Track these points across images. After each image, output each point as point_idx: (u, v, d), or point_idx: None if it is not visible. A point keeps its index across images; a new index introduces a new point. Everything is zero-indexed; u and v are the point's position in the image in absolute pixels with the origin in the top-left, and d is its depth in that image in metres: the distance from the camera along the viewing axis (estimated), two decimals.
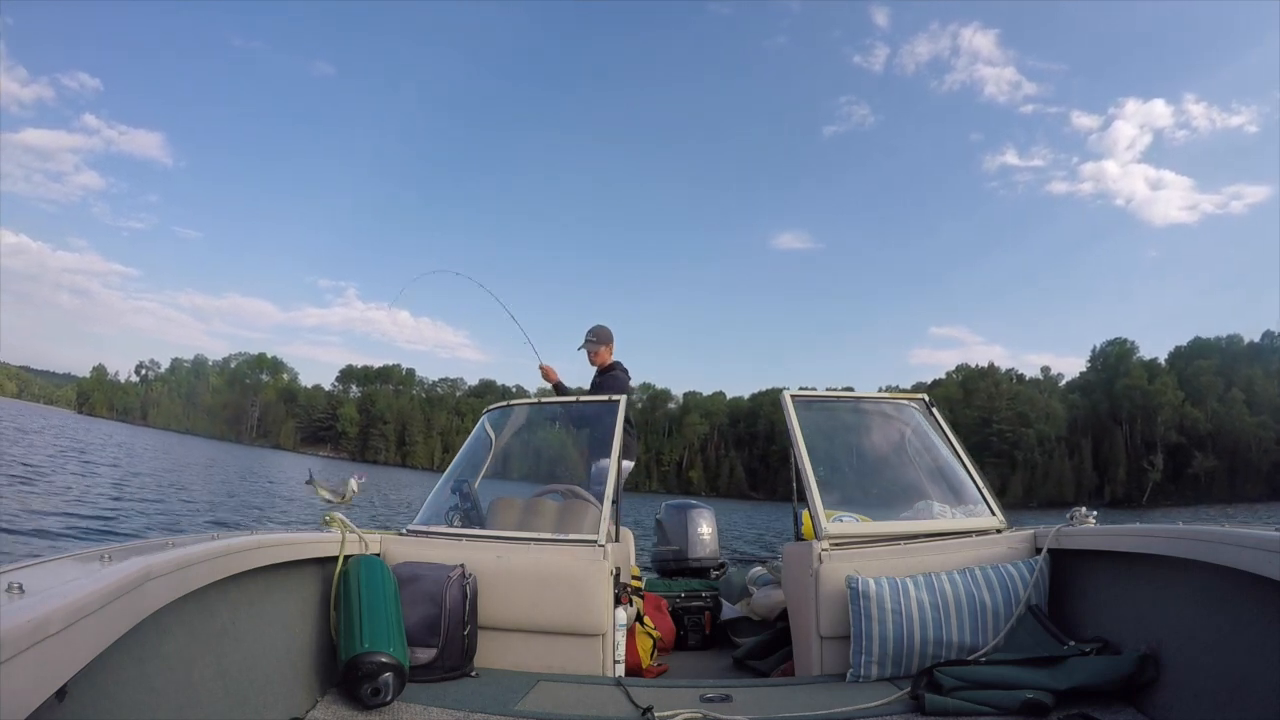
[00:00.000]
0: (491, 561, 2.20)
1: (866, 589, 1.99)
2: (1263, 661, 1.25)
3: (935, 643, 1.93)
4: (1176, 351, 73.23)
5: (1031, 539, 2.18)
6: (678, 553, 3.78)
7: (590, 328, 3.80)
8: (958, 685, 1.66)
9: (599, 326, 3.80)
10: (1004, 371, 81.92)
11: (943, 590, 1.98)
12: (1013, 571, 2.02)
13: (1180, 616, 1.53)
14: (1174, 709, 1.45)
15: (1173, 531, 1.55)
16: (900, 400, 2.79)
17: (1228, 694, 1.32)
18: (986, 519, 2.33)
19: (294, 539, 1.70)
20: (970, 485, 2.47)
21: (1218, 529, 1.41)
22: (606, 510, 2.36)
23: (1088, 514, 2.08)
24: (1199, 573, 1.43)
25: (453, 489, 2.76)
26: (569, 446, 3.27)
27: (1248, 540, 1.27)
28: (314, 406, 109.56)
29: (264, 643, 1.50)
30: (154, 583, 1.00)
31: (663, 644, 2.91)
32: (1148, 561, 1.64)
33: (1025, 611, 1.93)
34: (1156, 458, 64.87)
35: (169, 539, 1.32)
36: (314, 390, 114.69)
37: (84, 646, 0.79)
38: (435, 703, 1.73)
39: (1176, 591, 1.56)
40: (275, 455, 70.61)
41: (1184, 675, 1.46)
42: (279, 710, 1.48)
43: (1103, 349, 76.91)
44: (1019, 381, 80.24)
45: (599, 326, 3.80)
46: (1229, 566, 1.31)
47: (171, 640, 1.14)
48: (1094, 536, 1.92)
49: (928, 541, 2.22)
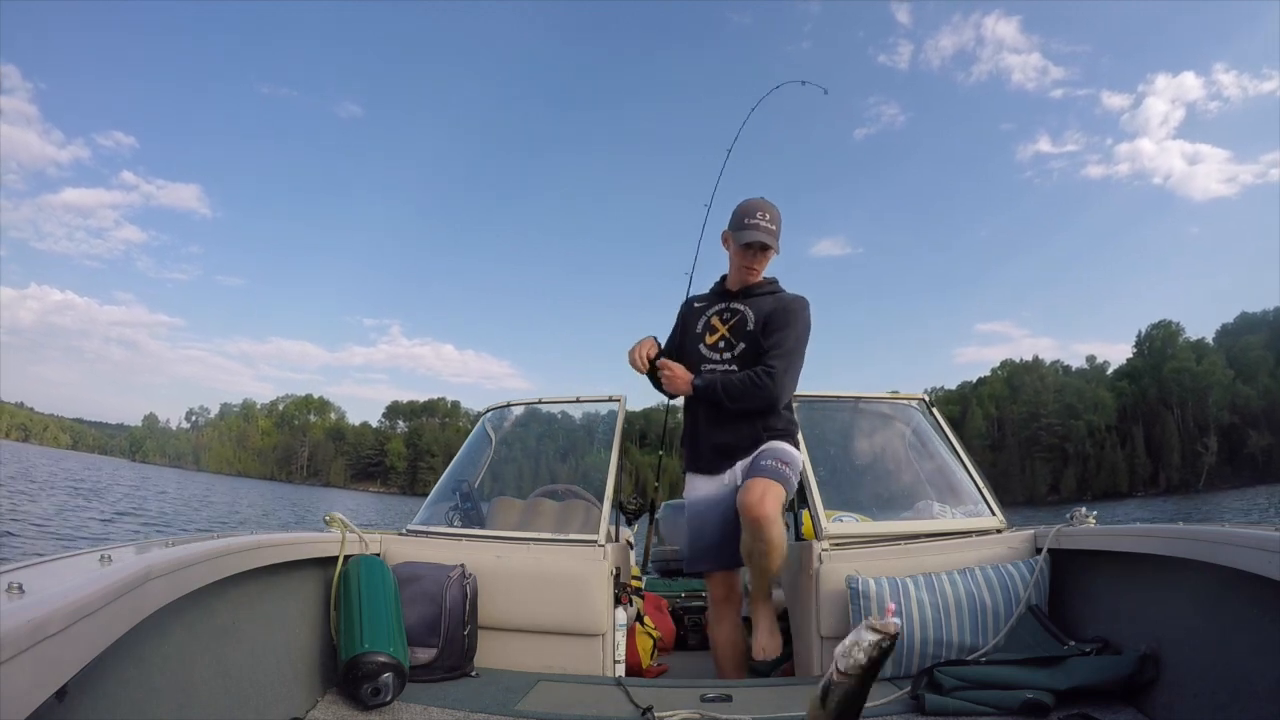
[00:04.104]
0: (491, 561, 2.20)
1: (866, 589, 1.99)
2: (1263, 661, 1.26)
3: (935, 643, 1.93)
4: (1223, 329, 71.49)
5: (1031, 539, 2.18)
6: (677, 553, 3.78)
7: (753, 202, 2.20)
8: (958, 685, 1.66)
9: (771, 204, 2.21)
10: (1049, 364, 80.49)
11: (943, 590, 1.99)
12: (1013, 571, 2.02)
13: (1180, 616, 1.53)
14: (1174, 709, 1.45)
15: (1173, 532, 1.55)
16: (900, 400, 2.80)
17: (1228, 694, 1.32)
18: (986, 519, 2.34)
19: (294, 539, 1.70)
20: (970, 485, 2.47)
21: (1218, 529, 1.41)
22: (606, 510, 2.35)
23: (1088, 514, 2.08)
24: (1199, 573, 1.43)
25: (453, 489, 2.76)
26: (573, 445, 3.26)
27: (1248, 540, 1.28)
28: (362, 443, 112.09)
29: (264, 643, 1.50)
30: (154, 583, 1.00)
31: (663, 644, 2.91)
32: (1148, 561, 1.64)
33: (1025, 611, 1.93)
34: (1210, 440, 62.94)
35: (169, 539, 1.31)
36: (361, 427, 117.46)
37: (84, 647, 0.79)
38: (435, 703, 1.72)
39: (1176, 591, 1.56)
40: (326, 493, 71.38)
41: (1184, 675, 1.46)
42: (279, 710, 1.48)
43: (1148, 333, 75.09)
44: (1065, 373, 78.84)
45: (771, 204, 2.21)
46: (1229, 566, 1.31)
47: (171, 640, 1.13)
48: (1094, 537, 1.92)
49: (928, 541, 2.22)
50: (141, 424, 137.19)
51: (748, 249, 2.18)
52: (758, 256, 2.20)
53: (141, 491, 24.67)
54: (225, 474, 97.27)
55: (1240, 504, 32.25)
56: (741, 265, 2.22)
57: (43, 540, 8.91)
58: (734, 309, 2.23)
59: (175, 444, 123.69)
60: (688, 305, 2.38)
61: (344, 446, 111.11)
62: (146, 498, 21.48)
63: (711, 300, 2.31)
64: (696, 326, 2.27)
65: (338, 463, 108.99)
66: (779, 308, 2.17)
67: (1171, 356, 69.33)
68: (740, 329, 2.19)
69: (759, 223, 2.16)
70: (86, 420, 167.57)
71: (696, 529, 2.21)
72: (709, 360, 2.21)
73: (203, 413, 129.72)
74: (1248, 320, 70.06)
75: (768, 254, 2.21)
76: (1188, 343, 71.32)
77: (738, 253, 2.22)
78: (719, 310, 2.26)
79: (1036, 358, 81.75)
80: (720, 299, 2.29)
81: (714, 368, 2.19)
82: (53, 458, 60.65)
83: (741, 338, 2.18)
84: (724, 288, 2.31)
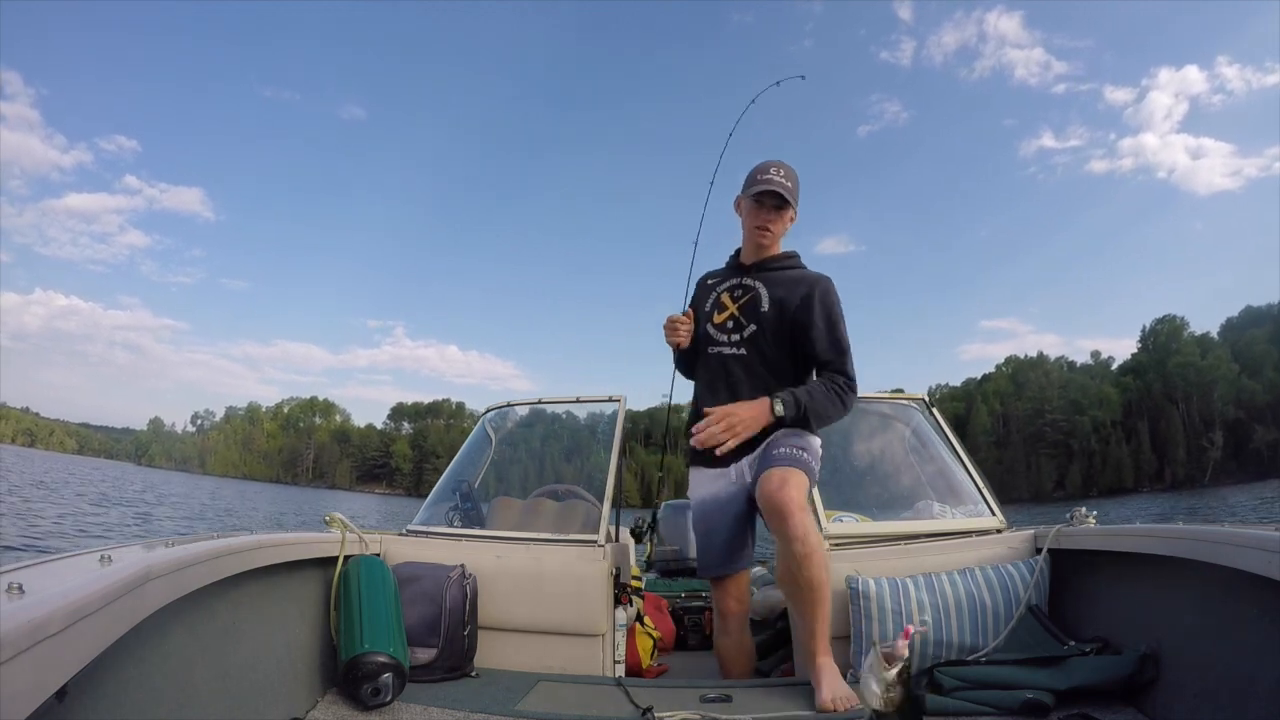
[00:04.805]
0: (491, 562, 2.20)
1: (866, 589, 1.99)
2: (1263, 661, 1.25)
3: (935, 643, 1.93)
4: (1228, 323, 71.24)
5: (1031, 539, 2.18)
6: (678, 553, 3.78)
7: (766, 161, 2.00)
8: (958, 685, 1.66)
9: (787, 165, 2.01)
10: (1054, 360, 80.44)
11: (943, 590, 1.99)
12: (1013, 572, 2.02)
13: (1180, 616, 1.53)
14: (1174, 709, 1.45)
15: (1173, 532, 1.55)
16: (900, 400, 2.79)
17: (1228, 694, 1.32)
18: (987, 519, 2.33)
19: (294, 539, 1.70)
20: (970, 485, 2.47)
21: (1218, 529, 1.41)
22: (606, 510, 2.36)
23: (1087, 514, 2.08)
24: (1199, 573, 1.42)
25: (453, 489, 2.76)
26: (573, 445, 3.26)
27: (1248, 540, 1.27)
28: (367, 445, 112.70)
29: (264, 643, 1.50)
30: (154, 583, 1.00)
31: (663, 644, 2.91)
32: (1148, 561, 1.64)
33: (1025, 612, 1.93)
34: (1215, 435, 62.83)
35: (169, 539, 1.32)
36: (367, 429, 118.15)
37: (84, 647, 0.79)
38: (435, 703, 1.73)
39: (1176, 591, 1.56)
40: (332, 495, 71.59)
41: (1184, 675, 1.46)
42: (279, 710, 1.48)
43: (1152, 328, 74.97)
44: (1070, 369, 78.62)
45: (787, 165, 2.01)
46: (1229, 566, 1.31)
47: (171, 640, 1.13)
48: (1094, 536, 1.92)
49: (928, 542, 2.22)
50: (147, 428, 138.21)
51: (760, 203, 1.97)
52: (771, 215, 1.98)
53: (148, 496, 24.64)
54: (231, 477, 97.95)
55: (1247, 499, 32.01)
56: (754, 226, 2.00)
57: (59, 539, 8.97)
58: (746, 285, 2.04)
59: (181, 448, 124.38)
60: (701, 282, 2.20)
61: (349, 448, 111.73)
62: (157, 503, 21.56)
63: (725, 275, 2.13)
64: (706, 303, 2.11)
65: (343, 465, 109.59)
66: (809, 294, 1.94)
67: (1176, 351, 69.05)
68: (752, 309, 2.01)
69: (773, 177, 1.95)
70: (92, 425, 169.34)
71: (704, 533, 2.07)
72: (716, 342, 2.04)
73: (208, 416, 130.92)
74: (1252, 314, 69.63)
75: (784, 214, 1.99)
76: (1192, 337, 71.02)
77: (750, 212, 2.01)
78: (730, 286, 2.08)
79: (1041, 354, 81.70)
80: (734, 274, 2.11)
81: (720, 350, 2.03)
82: (59, 463, 60.97)
83: (752, 318, 2.00)
84: (738, 261, 2.12)
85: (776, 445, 1.92)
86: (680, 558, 3.74)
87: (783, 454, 1.87)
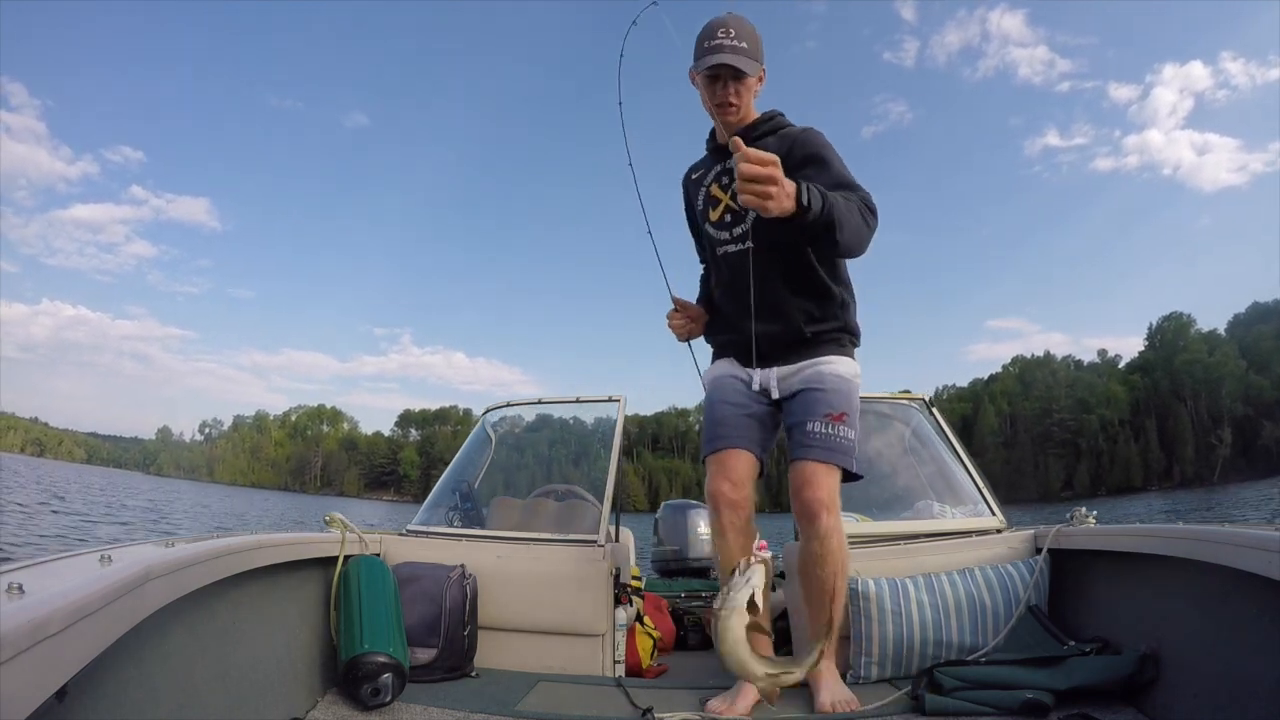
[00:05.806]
0: (491, 561, 2.21)
1: (866, 589, 1.99)
2: (1263, 661, 1.25)
3: (935, 643, 1.93)
4: (1235, 320, 70.91)
5: (1031, 539, 2.17)
6: (677, 552, 3.78)
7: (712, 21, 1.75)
8: (958, 685, 1.66)
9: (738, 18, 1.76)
10: (1061, 359, 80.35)
11: (943, 591, 1.98)
12: (1013, 572, 2.01)
13: (1180, 616, 1.53)
14: (1174, 709, 1.44)
15: (1172, 531, 1.55)
16: (900, 400, 2.79)
17: (1228, 694, 1.32)
18: (987, 519, 2.33)
19: (294, 539, 1.70)
20: (970, 485, 2.46)
21: (1218, 529, 1.41)
22: (606, 510, 2.36)
23: (1087, 514, 2.08)
24: (1199, 573, 1.42)
25: (453, 489, 2.77)
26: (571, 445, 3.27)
27: (1248, 540, 1.27)
28: (375, 452, 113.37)
29: (264, 643, 1.50)
30: (154, 583, 1.00)
31: (663, 644, 2.91)
32: (1148, 561, 1.63)
33: (1025, 612, 1.93)
34: (1224, 432, 62.58)
35: (169, 539, 1.32)
36: (374, 437, 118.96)
37: (84, 647, 0.79)
38: (435, 703, 1.73)
39: (1176, 591, 1.56)
40: (341, 502, 72.00)
41: (1184, 675, 1.45)
42: (279, 710, 1.49)
43: (1159, 325, 74.71)
44: (1077, 368, 78.39)
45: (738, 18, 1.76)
46: (1229, 566, 1.30)
47: (171, 640, 1.13)
48: (1094, 536, 1.91)
49: (928, 542, 2.22)
50: (155, 437, 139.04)
51: (713, 81, 1.72)
52: (730, 88, 1.71)
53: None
54: (239, 485, 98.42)
55: (1256, 496, 31.76)
56: (714, 105, 1.74)
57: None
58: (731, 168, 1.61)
59: (189, 456, 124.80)
60: (686, 179, 1.95)
61: (357, 456, 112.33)
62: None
63: (707, 164, 1.88)
64: (698, 201, 1.87)
65: (351, 472, 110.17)
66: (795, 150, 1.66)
67: (1183, 348, 68.77)
68: None
69: (722, 41, 1.67)
70: (101, 434, 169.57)
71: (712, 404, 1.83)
72: (720, 241, 1.81)
73: (216, 425, 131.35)
74: (1259, 310, 69.30)
75: (744, 82, 1.72)
76: (1199, 334, 70.70)
77: (705, 89, 1.76)
78: (716, 175, 1.83)
79: (1048, 353, 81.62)
80: (716, 159, 1.85)
81: (727, 249, 1.79)
82: (70, 472, 61.15)
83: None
84: (716, 144, 1.86)
85: (815, 411, 1.70)
86: (680, 558, 3.74)
87: (817, 434, 1.69)
